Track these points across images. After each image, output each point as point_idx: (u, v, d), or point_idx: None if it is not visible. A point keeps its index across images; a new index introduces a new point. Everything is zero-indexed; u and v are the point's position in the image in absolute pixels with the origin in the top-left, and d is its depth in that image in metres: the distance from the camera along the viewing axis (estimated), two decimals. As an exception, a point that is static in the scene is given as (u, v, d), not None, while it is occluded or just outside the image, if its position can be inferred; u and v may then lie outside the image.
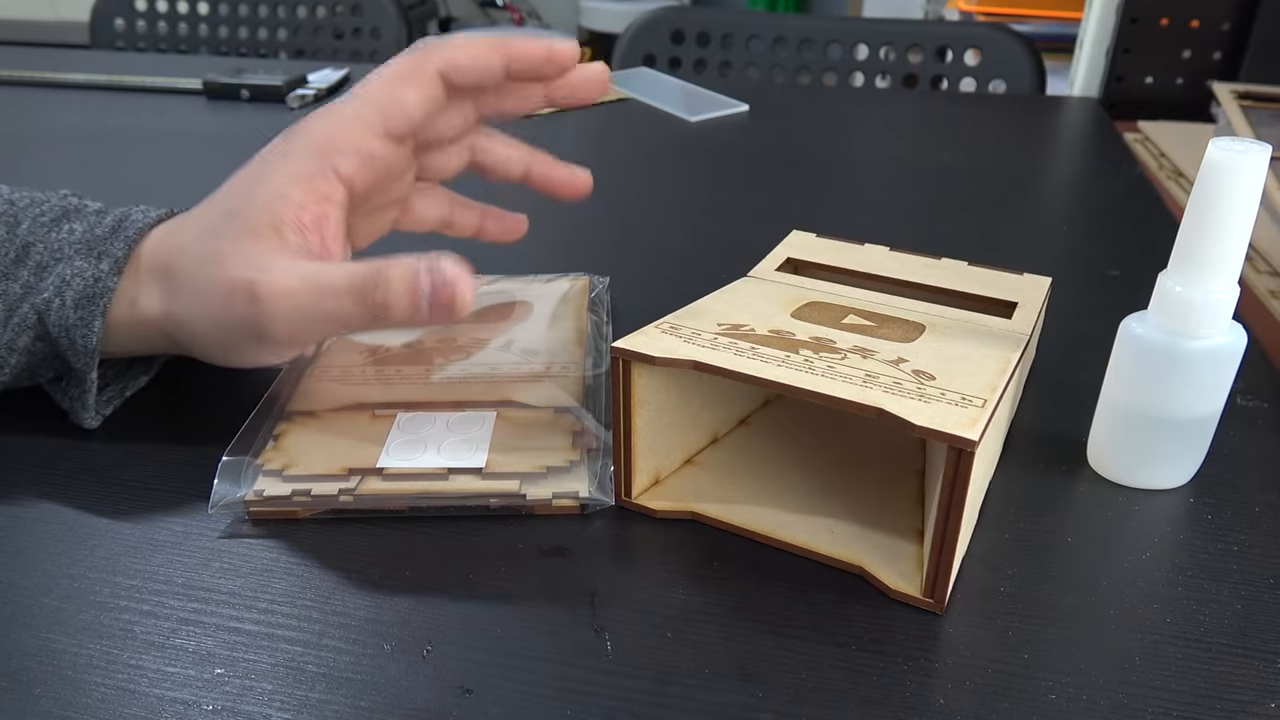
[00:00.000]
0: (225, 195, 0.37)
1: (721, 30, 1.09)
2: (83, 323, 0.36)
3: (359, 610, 0.31)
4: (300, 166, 0.36)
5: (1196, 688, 0.29)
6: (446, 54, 0.38)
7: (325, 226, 0.36)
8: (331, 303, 0.34)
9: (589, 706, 0.28)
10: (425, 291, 0.33)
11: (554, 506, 0.35)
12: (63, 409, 0.39)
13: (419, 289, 0.33)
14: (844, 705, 0.28)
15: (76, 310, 0.36)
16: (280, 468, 0.35)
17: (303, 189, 0.36)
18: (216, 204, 0.37)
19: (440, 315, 0.33)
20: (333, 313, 0.34)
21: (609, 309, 0.48)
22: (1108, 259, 0.56)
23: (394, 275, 0.33)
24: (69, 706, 0.28)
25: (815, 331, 0.36)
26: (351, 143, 0.37)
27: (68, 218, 0.38)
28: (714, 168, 0.71)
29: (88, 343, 0.36)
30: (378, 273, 0.33)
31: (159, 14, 1.22)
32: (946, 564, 0.30)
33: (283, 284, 0.34)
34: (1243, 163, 0.31)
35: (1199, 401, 0.35)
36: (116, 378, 0.40)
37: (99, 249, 0.37)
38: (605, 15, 2.63)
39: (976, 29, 1.08)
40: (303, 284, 0.34)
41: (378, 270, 0.33)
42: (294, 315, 0.34)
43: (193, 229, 0.37)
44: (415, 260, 0.33)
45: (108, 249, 0.37)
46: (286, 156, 0.37)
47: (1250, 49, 0.85)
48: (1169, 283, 0.34)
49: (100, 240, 0.37)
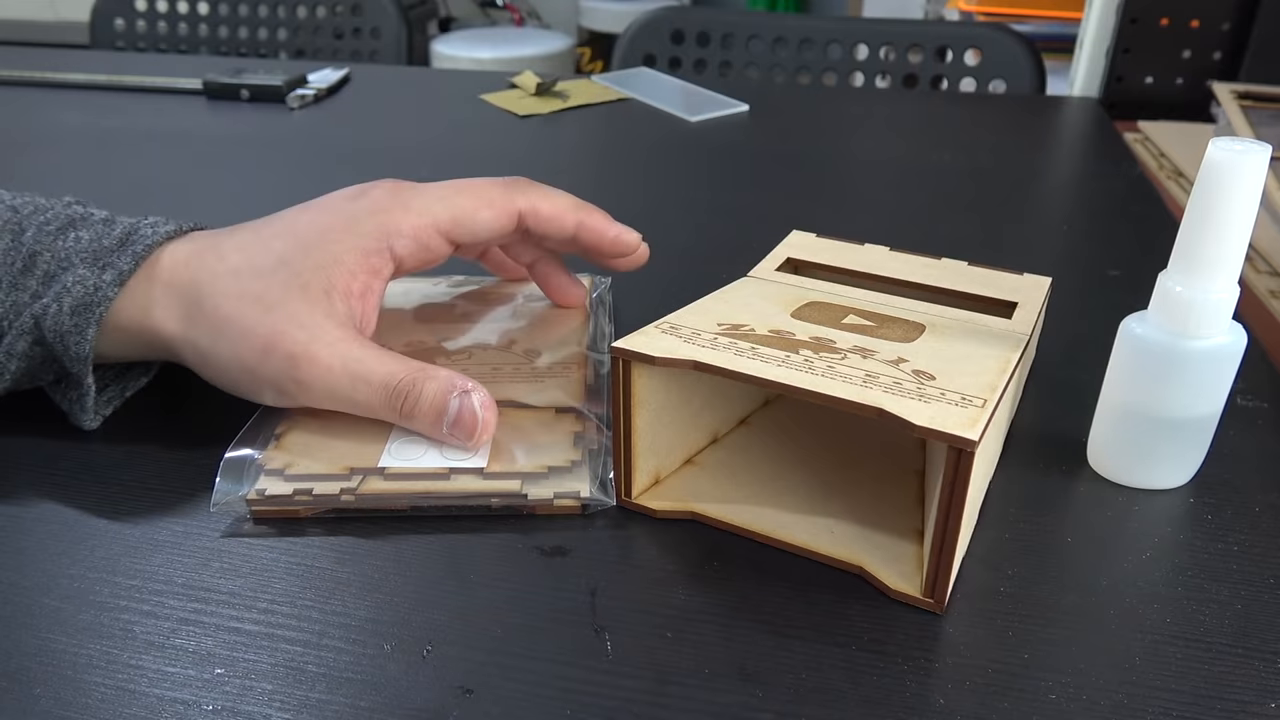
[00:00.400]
0: (277, 238, 0.37)
1: (721, 30, 1.09)
2: (77, 330, 0.36)
3: (359, 610, 0.31)
4: (362, 241, 0.37)
5: (1196, 688, 0.29)
6: (535, 199, 0.40)
7: (369, 299, 0.38)
8: (364, 394, 0.35)
9: (589, 706, 0.28)
10: (450, 417, 0.35)
11: (555, 506, 0.35)
12: (62, 410, 0.39)
13: (445, 412, 0.35)
14: (844, 705, 0.28)
15: (72, 317, 0.36)
16: (282, 467, 0.35)
17: (359, 260, 0.37)
18: (266, 245, 0.37)
19: (457, 439, 0.35)
20: (360, 401, 0.36)
21: (611, 309, 0.48)
22: (1108, 259, 0.56)
23: (427, 392, 0.35)
24: (69, 706, 0.28)
25: (815, 331, 0.36)
26: (414, 232, 0.38)
27: (74, 226, 0.38)
28: (714, 168, 0.71)
29: (80, 350, 0.36)
30: (413, 384, 0.35)
31: (159, 14, 1.22)
32: (946, 564, 0.30)
33: (325, 360, 0.35)
34: (1243, 163, 0.31)
35: (1199, 401, 0.35)
36: (116, 379, 0.40)
37: (105, 260, 0.37)
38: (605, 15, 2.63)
39: (976, 29, 1.08)
40: (343, 368, 0.35)
41: (414, 381, 0.35)
42: (324, 392, 0.35)
43: (233, 259, 0.37)
44: (450, 382, 0.35)
45: (113, 261, 0.37)
46: (351, 226, 0.38)
47: (1250, 49, 0.85)
48: (1169, 283, 0.34)
49: (107, 251, 0.37)
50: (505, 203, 0.40)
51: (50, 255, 0.37)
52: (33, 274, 0.37)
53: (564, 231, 0.41)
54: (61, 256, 0.37)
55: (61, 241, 0.38)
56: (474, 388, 0.35)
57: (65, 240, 0.38)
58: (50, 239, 0.38)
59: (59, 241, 0.38)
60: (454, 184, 0.40)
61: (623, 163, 0.74)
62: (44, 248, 0.37)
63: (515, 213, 0.40)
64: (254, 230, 0.38)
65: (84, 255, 0.37)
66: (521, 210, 0.40)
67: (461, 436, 0.35)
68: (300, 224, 0.38)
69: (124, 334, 0.37)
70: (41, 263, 0.37)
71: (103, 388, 0.40)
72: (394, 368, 0.35)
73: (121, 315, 0.36)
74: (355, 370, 0.35)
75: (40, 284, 0.37)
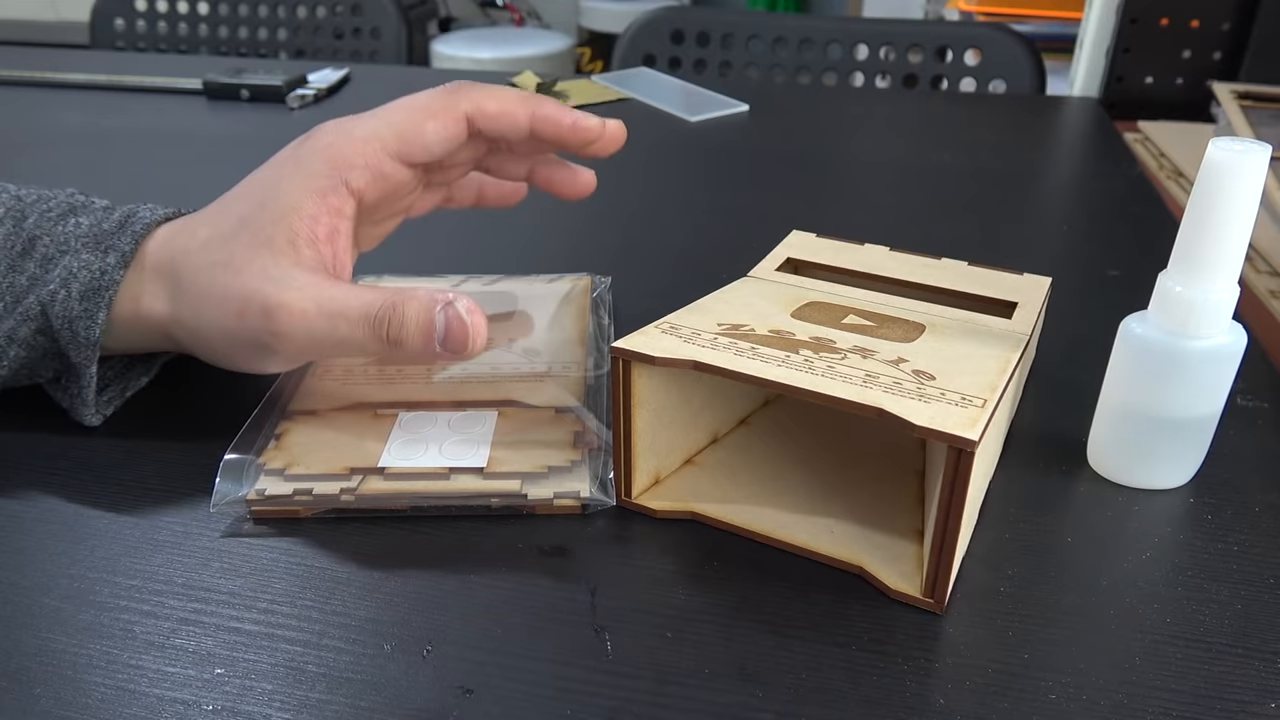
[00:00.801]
0: (236, 200, 0.37)
1: (721, 30, 1.09)
2: (86, 315, 0.36)
3: (359, 610, 0.31)
4: (314, 181, 0.36)
5: (1196, 688, 0.29)
6: (478, 98, 0.39)
7: (337, 240, 0.37)
8: (344, 329, 0.34)
9: (589, 706, 0.28)
10: (440, 331, 0.34)
11: (555, 506, 0.35)
12: (63, 407, 0.39)
13: (433, 328, 0.34)
14: (844, 705, 0.28)
15: (81, 303, 0.36)
16: (282, 467, 0.35)
17: (316, 202, 0.36)
18: (227, 209, 0.37)
19: (453, 354, 0.34)
20: (344, 340, 0.35)
21: (611, 309, 0.48)
22: (1108, 259, 0.56)
23: (409, 313, 0.34)
24: (69, 706, 0.28)
25: (815, 331, 0.36)
26: (364, 159, 0.37)
27: (74, 213, 0.38)
28: (714, 168, 0.71)
29: (90, 335, 0.36)
30: (393, 308, 0.34)
31: (159, 14, 1.22)
32: (946, 564, 0.30)
33: (299, 305, 0.34)
34: (1243, 163, 0.31)
35: (1199, 401, 0.35)
36: (117, 378, 0.40)
37: (105, 243, 0.37)
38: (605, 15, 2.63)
39: (976, 29, 1.08)
40: (318, 308, 0.34)
41: (393, 305, 0.34)
42: (305, 338, 0.35)
43: (201, 232, 0.37)
44: (430, 297, 0.34)
45: (114, 243, 0.37)
46: (300, 168, 0.37)
47: (1250, 49, 0.85)
48: (1169, 283, 0.34)
49: (107, 235, 0.37)
50: (449, 109, 0.38)
51: (49, 239, 0.37)
52: (31, 257, 0.37)
53: (518, 126, 0.39)
54: (60, 241, 0.37)
55: (61, 227, 0.38)
56: (456, 296, 0.34)
57: (65, 225, 0.38)
58: (50, 224, 0.38)
59: (59, 227, 0.38)
60: (395, 103, 0.39)
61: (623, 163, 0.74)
62: (44, 232, 0.38)
63: (461, 117, 0.38)
64: (219, 200, 0.38)
65: (84, 239, 0.37)
66: (468, 113, 0.38)
67: (455, 350, 0.34)
68: (255, 182, 0.37)
69: (122, 324, 0.37)
70: (40, 246, 0.37)
71: (103, 386, 0.40)
72: (370, 297, 0.34)
73: (117, 305, 0.37)
74: (331, 309, 0.34)
75: (38, 267, 0.37)
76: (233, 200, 0.37)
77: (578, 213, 0.60)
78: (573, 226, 0.60)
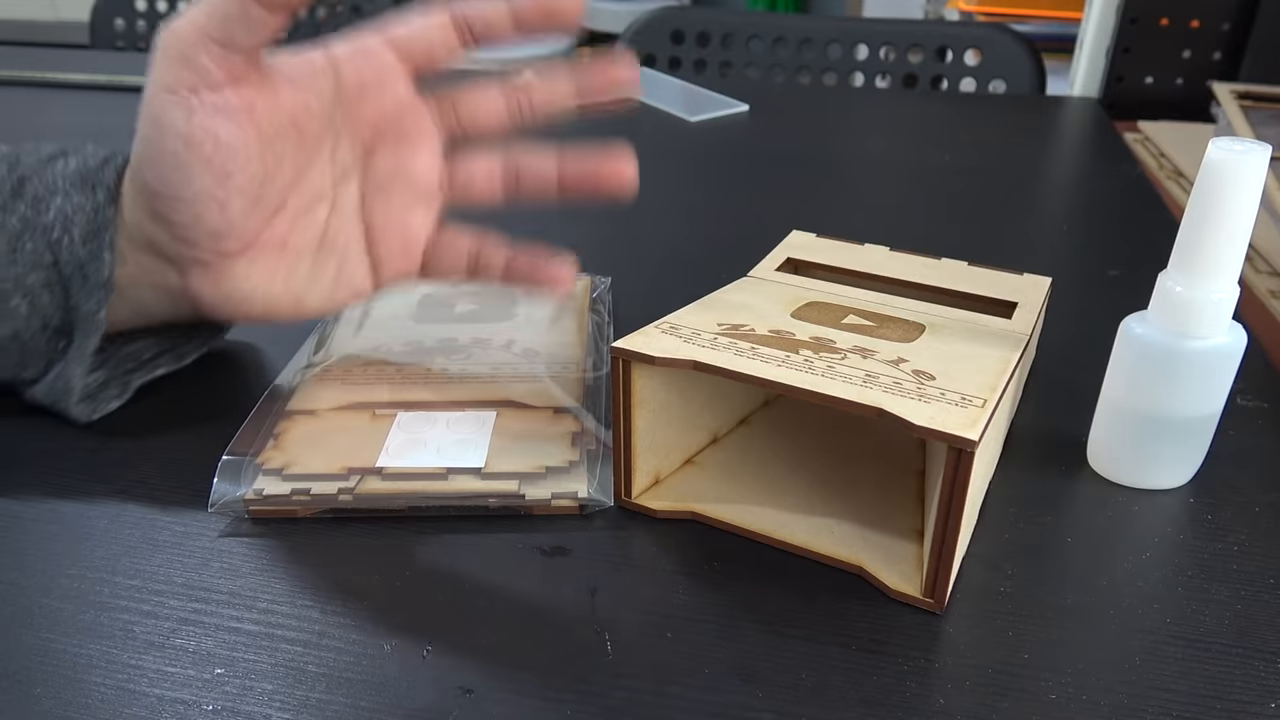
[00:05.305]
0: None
1: (721, 30, 1.09)
2: (93, 256, 0.36)
3: (359, 610, 0.31)
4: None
5: (1196, 688, 0.29)
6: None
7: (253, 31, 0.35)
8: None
9: (589, 706, 0.28)
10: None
11: (553, 507, 0.35)
12: (49, 405, 0.39)
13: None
14: (844, 705, 0.28)
15: (85, 245, 0.36)
16: (280, 467, 0.35)
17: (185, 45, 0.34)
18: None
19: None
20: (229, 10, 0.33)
21: (610, 309, 0.48)
22: (1108, 259, 0.56)
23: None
24: (69, 706, 0.28)
25: (815, 331, 0.36)
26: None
27: (64, 155, 0.39)
28: (714, 168, 0.71)
29: (99, 275, 0.36)
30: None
31: (159, 14, 1.22)
32: (946, 564, 0.30)
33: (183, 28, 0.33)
34: (1243, 163, 0.31)
35: (1199, 401, 0.35)
36: (115, 380, 0.40)
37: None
38: (605, 15, 2.63)
39: (976, 29, 1.08)
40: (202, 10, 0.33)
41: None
42: (201, 31, 0.33)
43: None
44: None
45: (100, 178, 0.37)
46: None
47: (1250, 49, 0.85)
48: (1169, 283, 0.34)
49: (93, 172, 0.38)
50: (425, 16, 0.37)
51: (38, 180, 0.38)
52: (21, 198, 0.37)
53: (428, 31, 0.37)
54: (50, 181, 0.38)
55: (50, 168, 0.38)
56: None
57: (55, 166, 0.38)
58: (40, 166, 0.38)
59: (48, 168, 0.38)
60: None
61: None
62: (33, 173, 0.38)
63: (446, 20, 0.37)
64: None
65: (71, 179, 0.37)
66: (451, 17, 0.37)
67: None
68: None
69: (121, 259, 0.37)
70: (30, 187, 0.38)
71: (104, 386, 0.40)
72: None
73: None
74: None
75: (29, 208, 0.37)
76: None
77: (579, 213, 0.59)
78: (573, 227, 0.60)
